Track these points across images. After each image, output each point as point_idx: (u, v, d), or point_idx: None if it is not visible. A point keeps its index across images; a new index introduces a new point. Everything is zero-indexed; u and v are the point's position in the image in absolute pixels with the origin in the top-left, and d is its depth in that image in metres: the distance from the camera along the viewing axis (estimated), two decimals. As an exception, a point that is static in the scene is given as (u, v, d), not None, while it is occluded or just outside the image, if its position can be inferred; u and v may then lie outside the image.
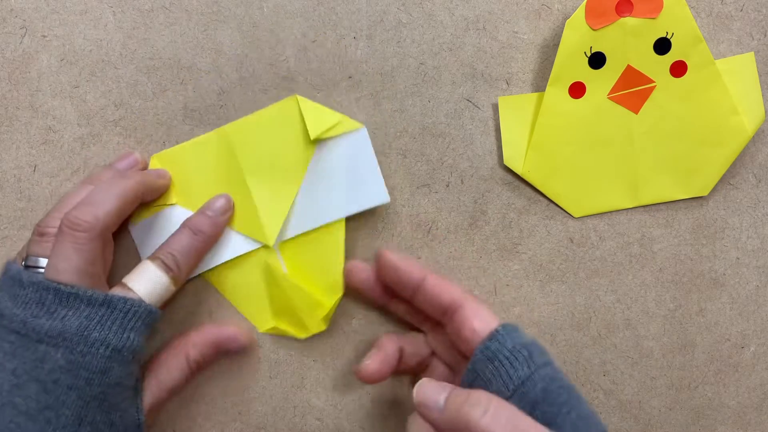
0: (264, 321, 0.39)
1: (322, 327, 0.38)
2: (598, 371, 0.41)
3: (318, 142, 0.37)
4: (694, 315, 0.42)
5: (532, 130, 0.40)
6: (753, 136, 0.40)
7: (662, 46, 0.39)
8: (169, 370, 0.36)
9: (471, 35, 0.40)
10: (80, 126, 0.38)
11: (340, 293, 0.38)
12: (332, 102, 0.39)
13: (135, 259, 0.38)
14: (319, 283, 0.38)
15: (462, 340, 0.34)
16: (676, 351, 0.42)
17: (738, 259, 0.42)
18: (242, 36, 0.39)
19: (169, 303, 0.39)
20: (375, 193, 0.37)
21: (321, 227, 0.37)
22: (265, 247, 0.38)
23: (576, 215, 0.41)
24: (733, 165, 0.41)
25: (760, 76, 0.40)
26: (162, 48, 0.38)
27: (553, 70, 0.39)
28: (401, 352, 0.37)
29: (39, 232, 0.34)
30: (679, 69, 0.39)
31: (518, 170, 0.40)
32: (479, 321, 0.34)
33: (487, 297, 0.41)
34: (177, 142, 0.39)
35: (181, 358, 0.36)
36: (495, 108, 0.40)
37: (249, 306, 0.39)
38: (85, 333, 0.31)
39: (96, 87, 0.38)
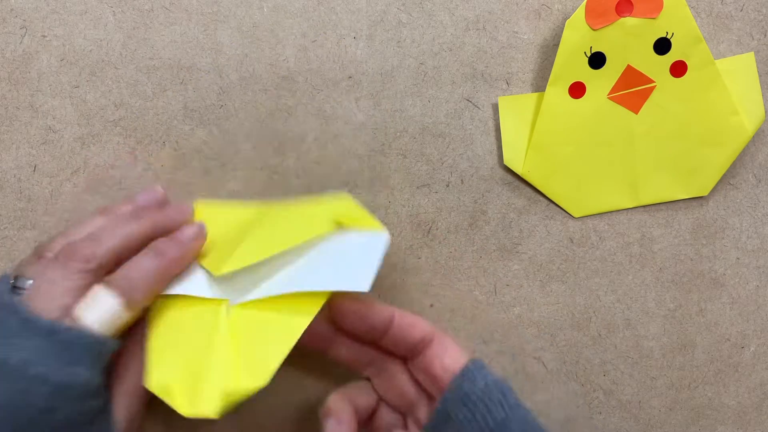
0: (161, 373, 0.31)
1: (213, 413, 0.29)
2: (598, 371, 0.41)
3: (336, 226, 0.34)
4: (694, 315, 0.42)
5: (532, 130, 0.40)
6: (753, 136, 0.40)
7: (662, 46, 0.39)
8: (138, 370, 0.32)
9: (471, 35, 0.40)
10: (80, 126, 0.38)
11: (261, 383, 0.30)
12: (332, 102, 0.39)
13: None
14: (251, 355, 0.31)
15: (431, 377, 0.33)
16: (676, 351, 0.42)
17: (738, 259, 0.42)
18: (242, 36, 0.39)
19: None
20: (359, 278, 0.31)
21: (292, 305, 0.31)
22: (222, 301, 0.33)
23: (576, 215, 0.41)
24: (733, 165, 0.41)
25: (760, 76, 0.40)
26: (162, 48, 0.38)
27: (553, 70, 0.39)
28: (355, 411, 0.34)
29: (37, 254, 0.32)
30: (679, 69, 0.39)
31: (518, 170, 0.40)
32: (449, 358, 0.33)
33: (487, 297, 0.41)
34: (177, 143, 0.39)
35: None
36: (495, 108, 0.40)
37: (163, 349, 0.32)
38: (25, 367, 0.28)
39: (96, 87, 0.38)
